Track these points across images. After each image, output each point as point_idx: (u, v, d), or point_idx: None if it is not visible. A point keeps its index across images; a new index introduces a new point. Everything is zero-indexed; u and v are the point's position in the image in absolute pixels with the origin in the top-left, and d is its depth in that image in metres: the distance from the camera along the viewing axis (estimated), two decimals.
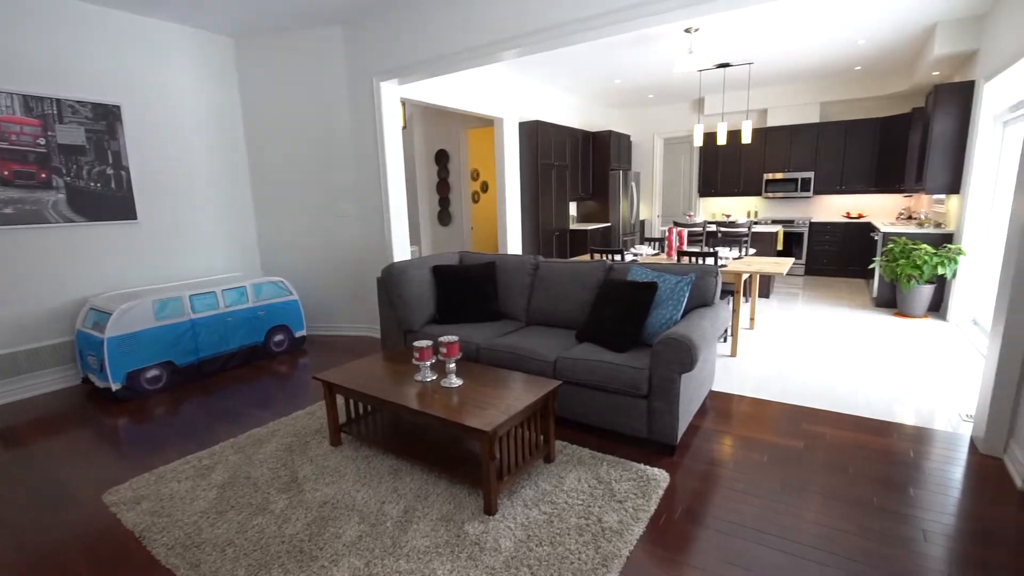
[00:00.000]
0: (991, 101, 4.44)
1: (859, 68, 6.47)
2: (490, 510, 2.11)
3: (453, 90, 5.29)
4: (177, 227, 4.42)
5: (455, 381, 2.45)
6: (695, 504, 2.21)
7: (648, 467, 2.44)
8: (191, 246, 4.54)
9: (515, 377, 2.56)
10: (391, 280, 3.47)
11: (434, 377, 2.54)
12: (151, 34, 4.11)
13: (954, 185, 4.98)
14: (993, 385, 2.46)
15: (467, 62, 3.91)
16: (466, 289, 3.60)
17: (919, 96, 6.76)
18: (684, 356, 2.37)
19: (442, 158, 7.37)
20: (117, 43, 3.92)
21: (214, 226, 4.70)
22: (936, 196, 5.83)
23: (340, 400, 3.36)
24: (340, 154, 4.75)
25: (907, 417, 2.96)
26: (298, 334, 4.65)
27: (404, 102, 6.19)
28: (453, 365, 2.45)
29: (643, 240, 6.61)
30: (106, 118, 3.88)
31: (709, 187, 8.42)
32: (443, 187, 7.45)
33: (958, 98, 4.83)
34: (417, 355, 2.48)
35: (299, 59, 4.64)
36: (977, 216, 4.64)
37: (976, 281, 4.69)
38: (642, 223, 9.18)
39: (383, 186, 4.61)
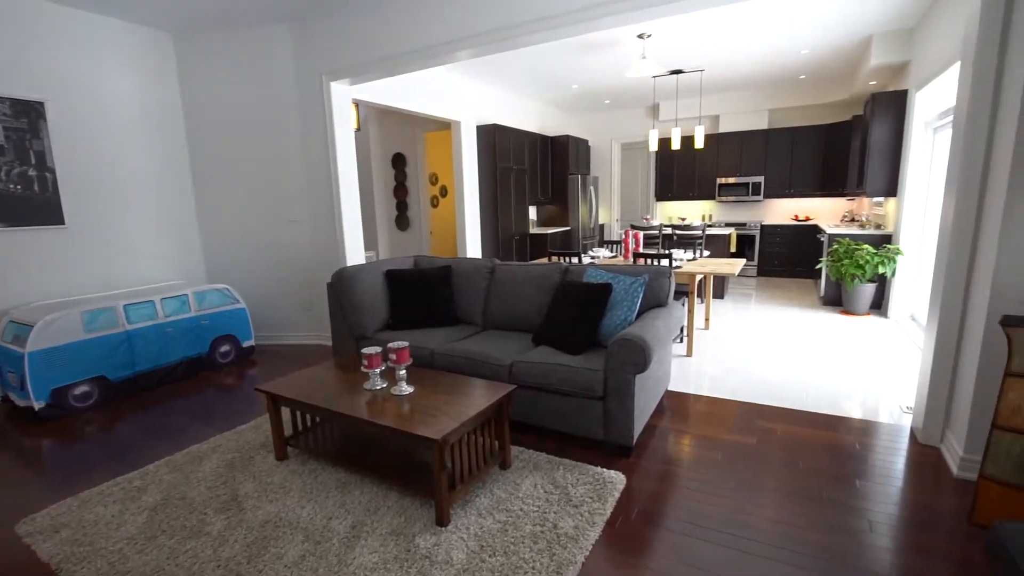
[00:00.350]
0: (922, 109, 4.69)
1: (803, 77, 6.74)
2: (442, 521, 2.03)
3: (409, 92, 5.20)
4: (111, 233, 4.14)
5: (406, 388, 2.36)
6: (651, 505, 2.19)
7: (604, 470, 2.42)
8: (127, 253, 4.26)
9: (468, 382, 2.49)
10: (341, 285, 3.35)
11: (384, 385, 2.44)
12: (78, 27, 3.85)
13: (891, 188, 5.23)
14: (929, 378, 2.56)
15: (421, 62, 3.84)
16: (421, 294, 3.51)
17: (859, 104, 7.11)
18: (638, 356, 2.37)
19: (399, 162, 7.24)
20: (40, 35, 3.65)
21: (153, 232, 4.43)
22: (876, 199, 6.12)
23: (287, 412, 3.21)
24: (289, 156, 4.58)
25: (853, 411, 3.06)
26: (246, 344, 4.43)
27: (358, 104, 6.05)
28: (403, 372, 2.36)
29: (602, 243, 6.67)
30: (28, 115, 3.60)
31: (665, 191, 8.60)
32: (400, 191, 7.32)
33: (893, 106, 5.08)
34: (366, 362, 2.38)
35: (244, 57, 4.45)
36: (913, 217, 4.88)
37: (913, 279, 4.93)
38: (601, 227, 9.28)
39: (335, 189, 4.47)
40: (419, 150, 7.15)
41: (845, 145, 6.98)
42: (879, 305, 5.42)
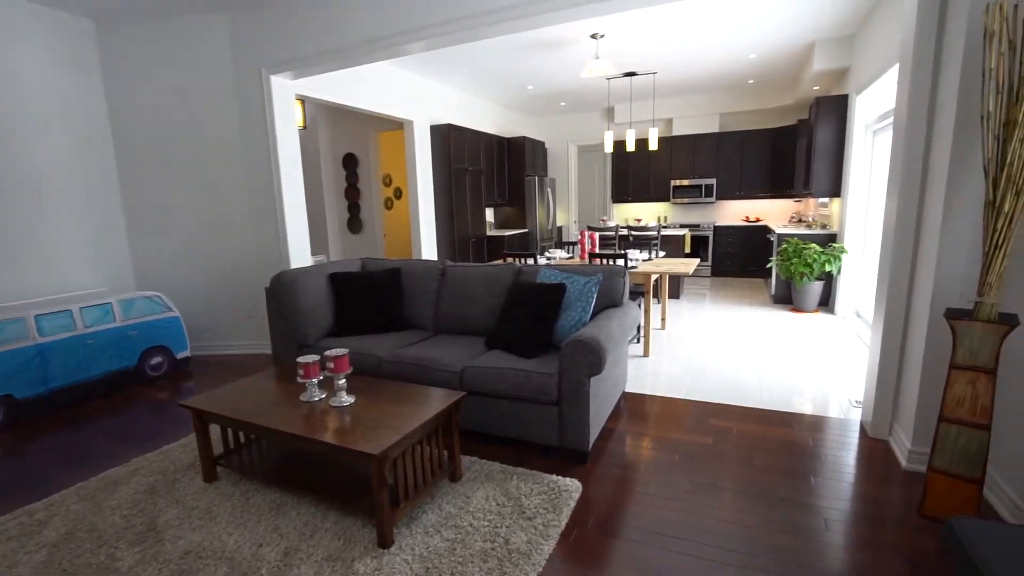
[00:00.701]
0: (862, 112, 4.86)
1: (752, 81, 6.92)
2: (384, 543, 1.87)
3: (360, 90, 5.00)
4: (21, 237, 3.75)
5: (346, 399, 2.19)
6: (608, 514, 2.10)
7: (560, 477, 2.32)
8: (42, 258, 3.86)
9: (415, 390, 2.34)
10: (281, 290, 3.13)
11: (322, 396, 2.26)
12: None
13: (835, 189, 5.41)
14: (877, 372, 2.59)
15: (369, 55, 3.66)
16: (368, 298, 3.32)
17: (804, 108, 7.35)
18: (592, 357, 2.28)
19: (351, 162, 6.99)
20: None
21: (73, 235, 4.05)
22: (821, 200, 6.33)
23: (218, 429, 2.96)
24: (227, 154, 4.29)
25: (805, 407, 3.08)
26: (180, 355, 4.11)
27: (304, 101, 5.79)
28: (343, 381, 2.19)
29: (559, 245, 6.62)
30: None
31: (622, 193, 8.66)
32: (352, 192, 7.06)
33: (835, 110, 5.26)
34: (302, 372, 2.20)
35: (177, 48, 4.15)
36: (856, 217, 5.05)
37: (858, 276, 5.10)
38: (559, 229, 9.26)
39: (277, 189, 4.22)
40: (372, 150, 6.92)
41: (792, 148, 7.20)
42: (827, 302, 5.58)
